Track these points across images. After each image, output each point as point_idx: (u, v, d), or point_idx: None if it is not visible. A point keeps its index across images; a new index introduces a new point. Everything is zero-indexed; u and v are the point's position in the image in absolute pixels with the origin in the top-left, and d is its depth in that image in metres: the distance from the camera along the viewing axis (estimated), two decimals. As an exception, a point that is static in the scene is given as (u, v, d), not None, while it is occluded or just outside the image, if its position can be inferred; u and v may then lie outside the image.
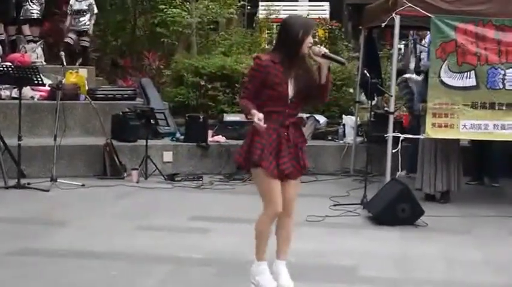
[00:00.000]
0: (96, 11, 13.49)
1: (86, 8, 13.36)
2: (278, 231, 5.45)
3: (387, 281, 5.95)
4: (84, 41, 13.56)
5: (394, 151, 8.73)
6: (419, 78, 11.08)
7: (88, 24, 13.43)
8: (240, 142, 10.24)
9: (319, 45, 5.31)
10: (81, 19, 13.37)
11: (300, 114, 5.39)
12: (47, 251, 6.52)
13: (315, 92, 5.26)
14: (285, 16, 5.66)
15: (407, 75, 11.07)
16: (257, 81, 5.15)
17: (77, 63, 12.97)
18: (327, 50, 5.21)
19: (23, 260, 6.25)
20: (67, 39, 13.45)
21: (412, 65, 12.57)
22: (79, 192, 9.28)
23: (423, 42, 12.26)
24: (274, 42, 5.38)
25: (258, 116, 4.97)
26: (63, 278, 5.82)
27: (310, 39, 5.17)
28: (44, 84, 10.51)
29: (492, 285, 5.96)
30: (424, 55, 11.95)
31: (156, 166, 10.26)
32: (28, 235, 7.11)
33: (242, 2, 15.90)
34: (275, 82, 5.12)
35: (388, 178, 8.73)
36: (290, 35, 5.16)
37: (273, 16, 17.09)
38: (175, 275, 5.87)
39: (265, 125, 4.98)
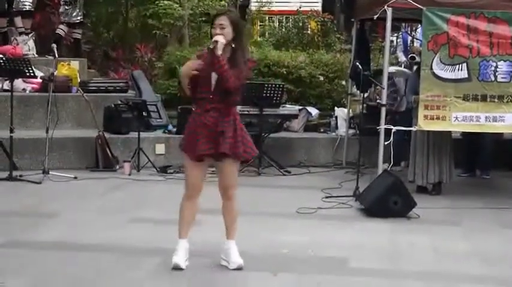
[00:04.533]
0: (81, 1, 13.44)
1: None
2: (223, 215, 5.90)
3: (378, 273, 5.97)
4: (77, 33, 13.53)
5: (386, 143, 8.75)
6: (406, 70, 11.13)
7: (80, 15, 13.39)
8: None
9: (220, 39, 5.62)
10: (73, 11, 13.31)
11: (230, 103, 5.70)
12: (34, 244, 6.50)
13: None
14: None
15: (392, 69, 11.00)
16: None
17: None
18: (216, 41, 5.58)
19: (7, 253, 6.23)
20: (58, 31, 13.40)
21: (402, 59, 12.60)
22: (71, 184, 9.27)
23: (413, 34, 12.29)
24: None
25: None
26: (48, 271, 5.80)
27: (215, 31, 5.69)
28: (35, 77, 10.50)
29: (481, 277, 5.98)
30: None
31: (148, 158, 10.25)
32: (17, 227, 7.10)
33: (234, -6, 15.88)
34: (200, 73, 5.64)
35: (380, 170, 8.75)
36: None
37: (265, 8, 17.06)
38: (166, 267, 5.85)
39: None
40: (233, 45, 5.64)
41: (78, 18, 13.37)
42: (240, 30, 5.72)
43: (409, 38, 13.56)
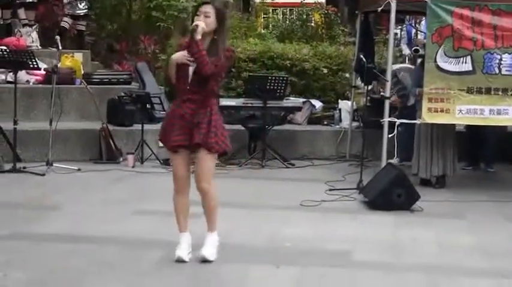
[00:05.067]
0: None
1: None
2: (203, 207, 5.84)
3: (381, 266, 5.96)
4: (81, 25, 13.52)
5: (390, 135, 8.74)
6: (411, 66, 11.08)
7: (85, 8, 13.38)
8: (235, 127, 10.33)
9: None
10: (77, 3, 13.30)
11: (208, 93, 5.67)
12: (37, 236, 6.50)
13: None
14: None
15: (396, 67, 10.95)
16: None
17: None
18: (197, 25, 5.53)
19: (10, 245, 6.23)
20: (63, 24, 13.39)
21: (407, 51, 12.58)
22: (75, 176, 9.28)
23: (417, 26, 12.27)
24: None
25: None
26: (50, 263, 5.79)
27: (198, 18, 5.60)
28: (39, 68, 10.49)
29: (484, 270, 5.97)
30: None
31: (151, 150, 10.25)
32: (20, 219, 7.11)
33: (238, -14, 15.87)
34: (181, 63, 5.63)
35: (383, 162, 8.74)
36: None
37: (269, 0, 17.04)
38: (169, 260, 5.85)
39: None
40: (215, 37, 5.63)
41: (84, 10, 13.36)
42: (223, 22, 5.72)
43: (413, 30, 13.55)
